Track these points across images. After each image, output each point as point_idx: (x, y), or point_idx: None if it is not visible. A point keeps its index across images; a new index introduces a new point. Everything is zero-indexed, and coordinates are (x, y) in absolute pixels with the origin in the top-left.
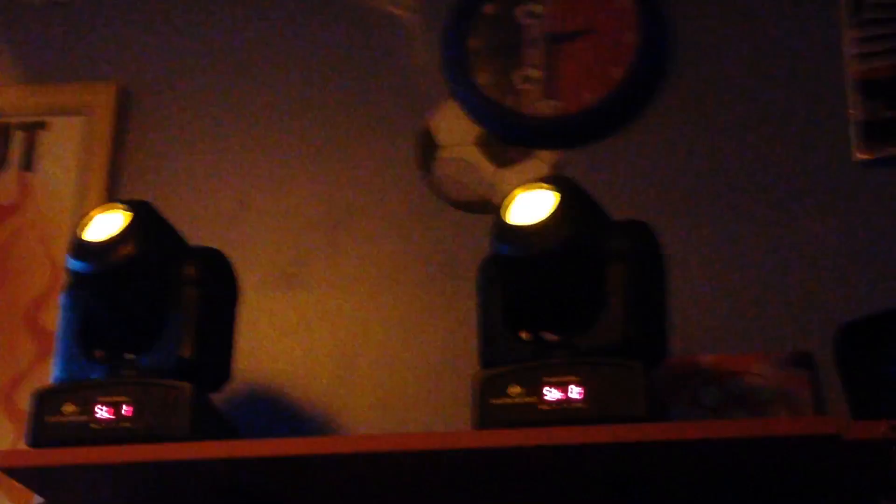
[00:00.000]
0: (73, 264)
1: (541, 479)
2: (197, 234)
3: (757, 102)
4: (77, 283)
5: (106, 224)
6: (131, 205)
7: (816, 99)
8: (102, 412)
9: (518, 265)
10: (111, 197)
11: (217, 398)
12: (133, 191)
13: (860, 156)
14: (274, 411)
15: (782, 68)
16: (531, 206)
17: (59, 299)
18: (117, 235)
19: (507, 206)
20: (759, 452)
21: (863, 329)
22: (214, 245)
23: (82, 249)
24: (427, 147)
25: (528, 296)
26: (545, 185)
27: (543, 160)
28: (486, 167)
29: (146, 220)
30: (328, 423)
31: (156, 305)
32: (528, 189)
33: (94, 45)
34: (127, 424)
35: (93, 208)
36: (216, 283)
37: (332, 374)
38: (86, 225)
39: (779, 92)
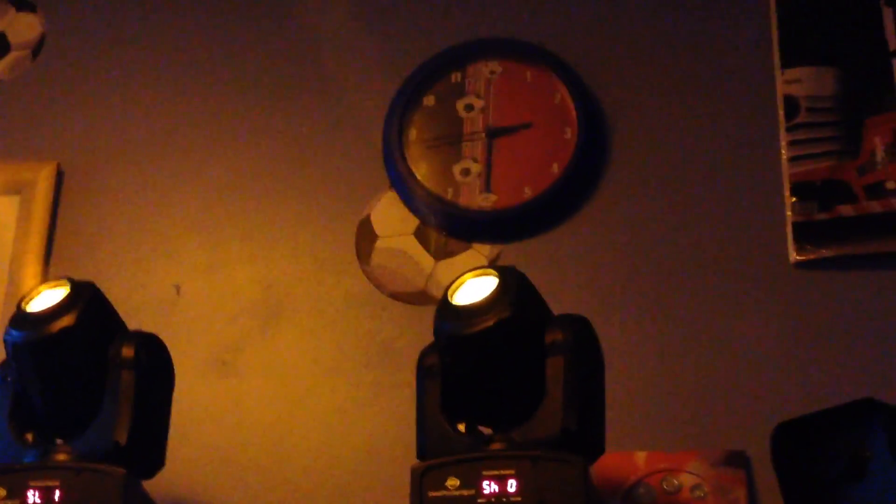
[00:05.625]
0: (7, 335)
1: None
2: (131, 318)
3: (695, 200)
4: (13, 356)
5: (49, 296)
6: (72, 281)
7: (755, 199)
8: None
9: (456, 345)
10: (45, 278)
11: (148, 485)
12: (68, 272)
13: (795, 257)
14: (206, 500)
15: (721, 167)
16: (476, 290)
17: None
18: (57, 307)
19: (454, 290)
20: None
21: (799, 429)
22: (148, 330)
23: (19, 321)
24: (365, 236)
25: (466, 381)
26: (492, 271)
27: (482, 253)
28: (425, 259)
29: (86, 296)
30: None
31: (89, 388)
32: (476, 275)
33: (32, 123)
34: None
35: (27, 288)
36: (153, 367)
37: (267, 464)
38: (31, 298)
39: (718, 191)
